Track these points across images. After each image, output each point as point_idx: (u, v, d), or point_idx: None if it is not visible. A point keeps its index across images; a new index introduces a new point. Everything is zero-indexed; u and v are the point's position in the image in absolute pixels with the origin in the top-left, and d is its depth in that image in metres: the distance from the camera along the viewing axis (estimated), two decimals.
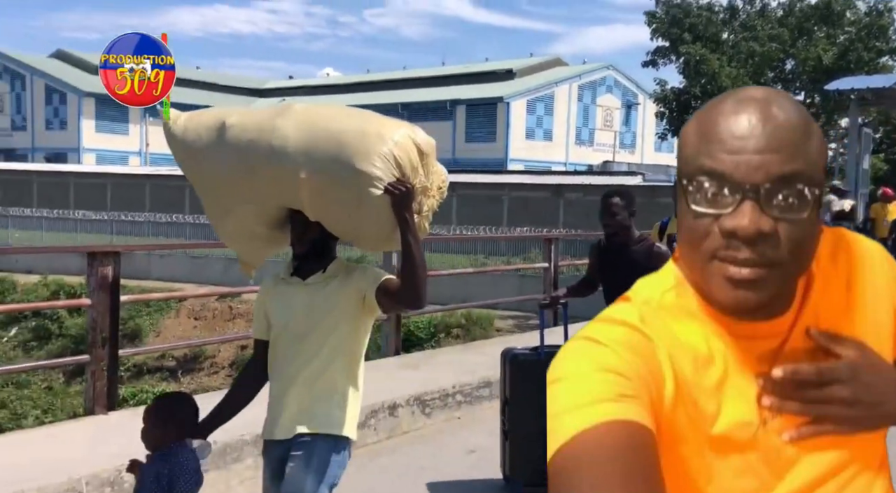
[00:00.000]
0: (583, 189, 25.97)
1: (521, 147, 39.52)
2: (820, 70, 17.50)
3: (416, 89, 43.87)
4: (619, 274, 3.60)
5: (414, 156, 2.31)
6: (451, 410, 5.06)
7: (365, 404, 4.52)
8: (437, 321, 16.74)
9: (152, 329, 18.40)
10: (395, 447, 4.44)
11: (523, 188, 26.98)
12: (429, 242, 22.36)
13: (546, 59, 45.86)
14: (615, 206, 3.75)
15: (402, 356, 6.35)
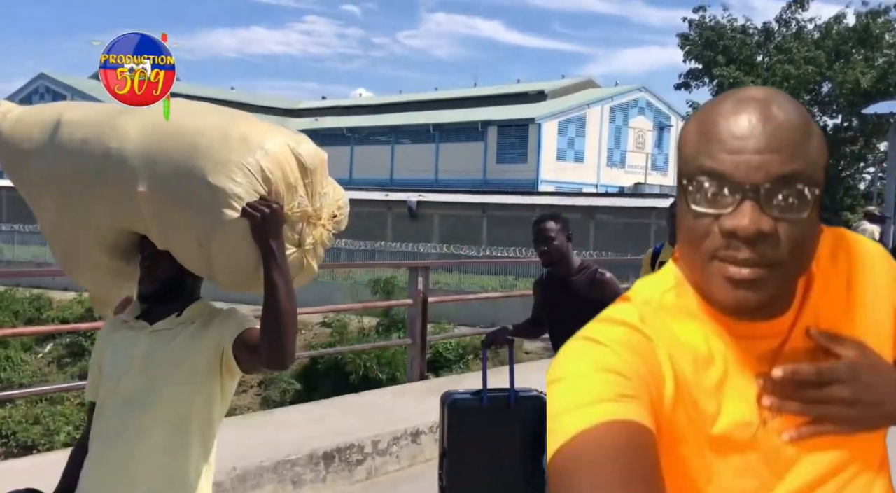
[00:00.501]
0: (614, 212, 25.79)
1: (552, 168, 39.43)
2: (857, 93, 17.20)
3: (448, 110, 44.11)
4: (563, 310, 3.37)
5: (291, 171, 1.80)
6: None
7: (387, 431, 4.49)
8: (465, 343, 16.64)
9: None
10: (417, 475, 4.37)
11: (553, 210, 26.83)
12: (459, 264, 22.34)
13: (578, 81, 45.85)
14: (550, 230, 3.33)
15: (427, 381, 6.29)
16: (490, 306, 17.83)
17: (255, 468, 3.74)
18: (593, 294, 3.17)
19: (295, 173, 1.81)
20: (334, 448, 4.12)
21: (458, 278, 22.23)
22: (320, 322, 18.33)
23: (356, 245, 25.93)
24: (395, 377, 13.42)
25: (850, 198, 18.75)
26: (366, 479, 4.23)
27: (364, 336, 15.93)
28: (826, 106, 18.64)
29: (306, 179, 1.85)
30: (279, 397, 15.30)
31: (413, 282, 6.50)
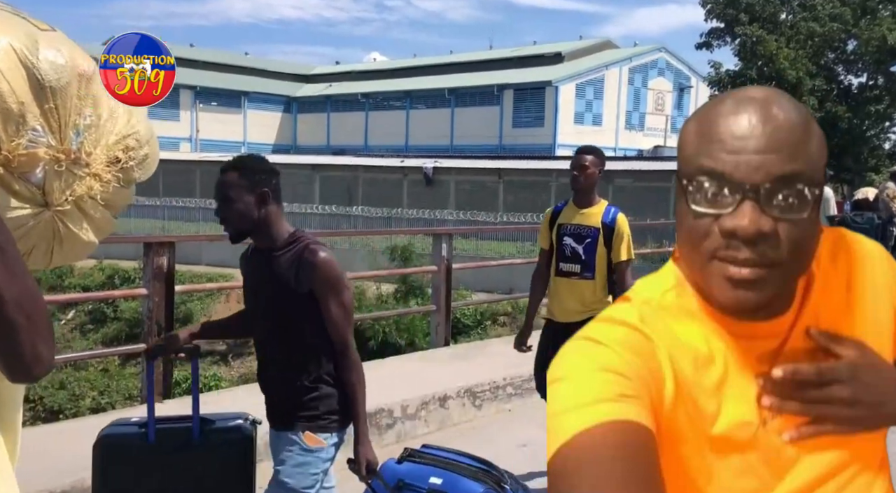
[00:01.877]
0: (633, 175, 25.55)
1: (570, 132, 39.03)
2: (884, 50, 16.78)
3: (464, 74, 43.65)
4: (260, 298, 2.47)
5: (13, 90, 1.22)
6: (501, 402, 4.99)
7: (415, 395, 4.49)
8: (483, 308, 16.68)
9: (203, 314, 18.76)
10: (446, 439, 4.38)
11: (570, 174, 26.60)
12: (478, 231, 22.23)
13: (596, 42, 45.14)
14: None
15: (452, 347, 6.30)
16: (507, 272, 17.84)
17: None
18: (297, 279, 2.31)
19: (19, 94, 1.23)
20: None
21: (475, 244, 22.21)
22: None
23: (372, 212, 25.92)
24: (414, 343, 13.50)
25: (874, 158, 18.42)
26: (395, 442, 4.25)
27: (383, 303, 15.99)
28: (851, 64, 18.23)
29: (46, 103, 1.27)
30: None
31: (437, 249, 6.47)
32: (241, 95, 46.26)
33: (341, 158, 33.37)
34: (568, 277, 3.79)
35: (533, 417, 4.90)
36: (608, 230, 3.74)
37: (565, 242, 3.82)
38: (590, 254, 3.75)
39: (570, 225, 3.83)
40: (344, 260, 14.34)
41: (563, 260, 3.82)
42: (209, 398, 4.36)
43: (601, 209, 3.83)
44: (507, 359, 5.56)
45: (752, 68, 17.84)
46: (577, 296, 3.77)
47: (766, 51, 17.40)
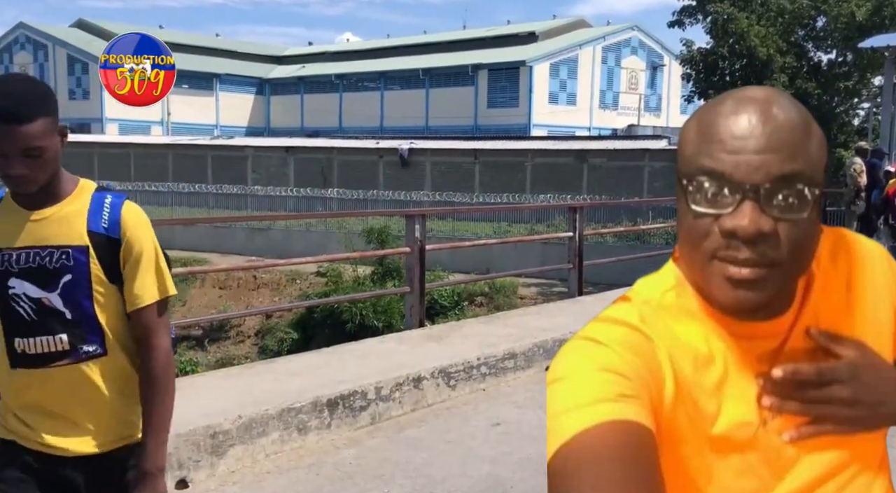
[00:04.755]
0: (607, 154, 25.64)
1: (545, 112, 39.04)
2: (853, 27, 16.92)
3: (438, 54, 43.39)
4: None
5: None
6: (475, 382, 5.02)
7: (389, 377, 4.52)
8: (460, 289, 16.73)
9: (178, 299, 18.62)
10: (420, 420, 4.42)
11: (547, 154, 26.70)
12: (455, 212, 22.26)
13: (569, 21, 45.05)
14: None
15: (426, 328, 6.32)
16: (484, 253, 17.88)
17: (260, 416, 3.76)
18: None
19: None
20: (338, 395, 4.14)
21: (451, 225, 22.22)
22: (315, 272, 18.38)
23: (348, 194, 25.79)
24: (391, 325, 13.53)
25: (843, 134, 18.64)
26: (370, 424, 4.27)
27: (359, 285, 15.98)
28: (821, 41, 18.38)
29: None
30: (276, 346, 15.44)
31: (410, 230, 6.47)
32: (213, 77, 45.62)
33: (316, 140, 33.12)
34: (38, 365, 1.69)
35: (507, 396, 4.95)
36: (108, 246, 1.72)
37: (13, 290, 1.69)
38: (75, 303, 1.70)
39: (15, 252, 1.69)
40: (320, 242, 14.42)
41: (16, 331, 1.69)
42: (180, 384, 4.35)
43: (83, 204, 1.73)
44: (482, 339, 5.60)
45: (723, 46, 17.92)
46: (71, 401, 1.72)
47: (738, 28, 17.47)
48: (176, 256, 20.67)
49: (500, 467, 3.74)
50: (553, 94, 39.95)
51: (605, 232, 16.03)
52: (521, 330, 5.94)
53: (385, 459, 3.82)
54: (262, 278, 19.20)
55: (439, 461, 3.80)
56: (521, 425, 4.37)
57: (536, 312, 7.19)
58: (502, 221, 22.45)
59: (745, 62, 17.77)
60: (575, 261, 8.00)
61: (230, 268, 13.26)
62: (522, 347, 5.47)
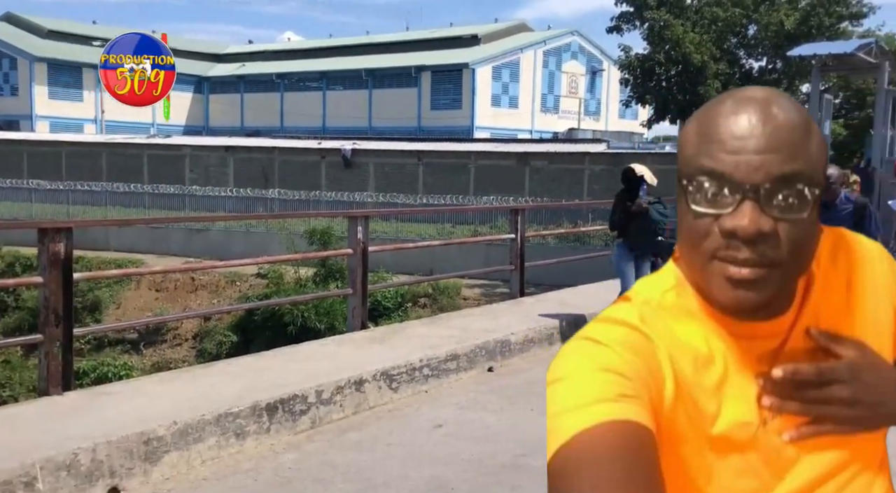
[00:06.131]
0: (548, 157, 25.96)
1: (487, 114, 39.31)
2: (782, 35, 17.53)
3: (381, 55, 43.23)
4: None
5: None
6: (418, 384, 5.01)
7: (330, 380, 4.46)
8: (404, 291, 16.69)
9: (112, 301, 18.06)
10: (362, 423, 4.39)
11: (490, 156, 26.89)
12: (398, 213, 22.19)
13: (511, 25, 45.47)
14: None
15: (369, 330, 6.27)
16: (428, 254, 17.88)
17: (196, 421, 3.67)
18: None
19: None
20: (277, 399, 4.08)
21: (395, 226, 22.16)
22: (255, 274, 18.07)
23: (289, 195, 25.46)
24: (334, 327, 13.40)
25: None
26: (310, 428, 4.21)
27: (301, 287, 15.78)
28: (752, 48, 18.98)
29: None
30: (215, 349, 15.12)
31: (353, 231, 6.41)
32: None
33: (256, 139, 32.60)
34: None
35: (450, 397, 4.96)
36: None
37: None
38: None
39: None
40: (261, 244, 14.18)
41: None
42: (113, 389, 4.22)
43: None
44: (424, 341, 5.59)
45: (660, 52, 18.34)
46: None
47: (673, 35, 17.91)
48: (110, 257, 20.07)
49: (442, 469, 3.74)
50: (496, 96, 40.26)
51: (546, 234, 16.21)
52: (464, 331, 5.95)
53: (325, 463, 3.77)
54: (200, 280, 18.78)
55: (381, 464, 3.78)
56: (464, 426, 4.38)
57: (479, 313, 7.21)
58: (446, 223, 22.50)
59: (680, 68, 18.22)
60: (517, 262, 8.06)
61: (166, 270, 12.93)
62: (465, 348, 5.49)
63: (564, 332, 6.52)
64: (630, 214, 6.35)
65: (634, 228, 6.39)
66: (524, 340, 6.05)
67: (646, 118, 20.45)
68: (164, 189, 26.15)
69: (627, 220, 6.36)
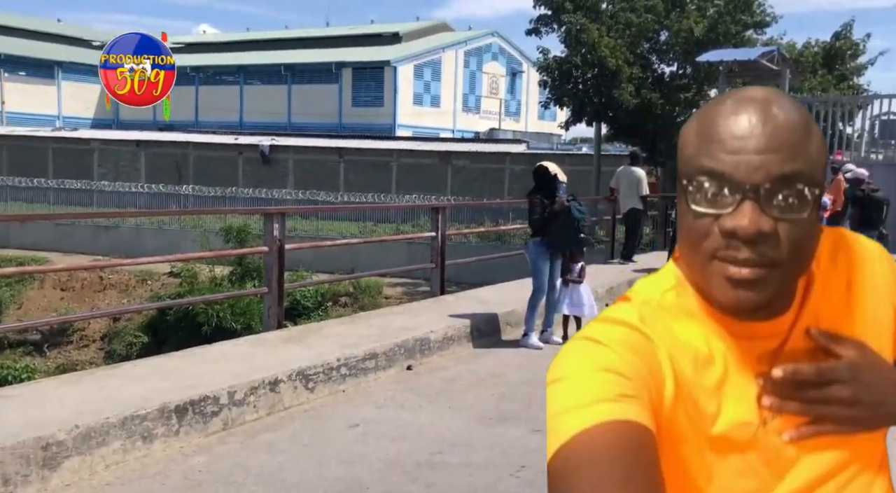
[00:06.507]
0: (470, 157, 26.15)
1: (409, 113, 39.27)
2: (692, 42, 18.14)
3: (300, 50, 42.55)
4: None
5: None
6: (335, 383, 4.96)
7: (243, 381, 4.36)
8: (324, 290, 16.48)
9: (13, 301, 17.14)
10: (276, 424, 4.30)
11: (412, 155, 26.87)
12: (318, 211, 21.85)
13: (432, 24, 45.57)
14: None
15: (285, 330, 6.16)
16: (349, 253, 17.71)
17: (99, 424, 3.51)
18: None
19: None
20: (187, 401, 3.95)
21: (315, 224, 21.86)
22: (168, 273, 17.49)
23: (205, 191, 24.76)
24: (251, 327, 13.10)
25: None
26: (222, 430, 4.10)
27: (216, 286, 15.37)
28: (664, 54, 19.57)
29: None
30: (125, 350, 14.55)
31: (269, 229, 6.29)
32: (55, 64, 42.33)
33: (169, 133, 31.52)
34: None
35: (368, 397, 4.92)
36: None
37: None
38: None
39: None
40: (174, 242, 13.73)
41: None
42: (11, 392, 3.99)
43: None
44: (343, 339, 5.53)
45: (576, 55, 18.68)
46: None
47: (589, 39, 18.27)
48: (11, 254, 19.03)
49: (358, 468, 3.71)
50: (417, 95, 40.26)
51: (467, 232, 16.32)
52: (383, 330, 5.92)
53: (237, 465, 3.68)
54: (109, 279, 18.04)
55: (295, 465, 3.72)
56: (381, 425, 4.36)
57: (399, 311, 7.19)
58: (368, 221, 22.36)
59: (596, 71, 18.62)
60: (437, 260, 8.09)
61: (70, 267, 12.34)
62: (384, 347, 5.46)
63: (483, 330, 6.57)
64: (551, 213, 6.43)
65: (556, 227, 6.46)
66: (444, 338, 6.07)
67: (563, 120, 20.81)
68: (71, 184, 25.00)
69: (549, 218, 6.44)
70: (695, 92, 19.50)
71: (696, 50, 17.30)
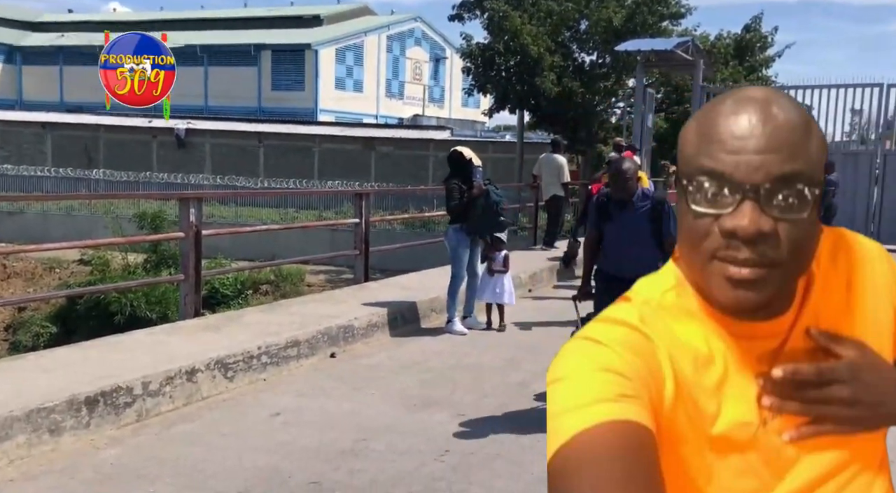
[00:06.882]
0: (394, 143, 26.00)
1: (331, 97, 38.69)
2: (611, 31, 18.51)
3: (217, 31, 41.25)
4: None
5: None
6: (256, 372, 4.85)
7: (159, 371, 4.21)
8: (244, 278, 16.11)
9: None
10: (194, 414, 4.18)
11: (335, 140, 26.50)
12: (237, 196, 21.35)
13: (354, 7, 44.93)
14: None
15: (203, 318, 5.98)
16: (270, 240, 17.35)
17: (2, 418, 3.33)
18: None
19: None
20: (98, 392, 3.78)
21: (234, 211, 21.32)
22: (78, 260, 16.75)
23: (116, 176, 23.79)
24: (167, 317, 12.67)
25: (603, 131, 20.42)
26: (136, 421, 3.95)
27: (130, 274, 14.80)
28: (584, 42, 19.88)
29: None
30: (31, 342, 13.86)
31: (184, 214, 6.08)
32: None
33: (78, 115, 30.09)
34: None
35: (289, 385, 4.84)
36: None
37: None
38: None
39: None
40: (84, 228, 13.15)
41: None
42: None
43: None
44: (263, 328, 5.41)
45: (499, 42, 18.77)
46: None
47: (511, 26, 18.38)
48: None
49: (278, 457, 3.64)
50: (340, 79, 39.70)
51: (391, 219, 16.24)
52: (305, 317, 5.83)
53: (151, 457, 3.55)
54: (13, 267, 17.13)
55: (213, 456, 3.62)
56: (303, 413, 4.29)
57: (322, 299, 7.10)
58: (289, 208, 21.95)
59: (519, 59, 18.77)
60: (361, 247, 8.01)
61: None
62: (306, 334, 5.37)
63: (407, 317, 6.55)
64: (470, 198, 6.43)
65: (475, 211, 6.46)
66: (368, 325, 6.02)
67: (487, 107, 20.92)
68: None
69: (468, 203, 6.44)
70: (614, 81, 19.93)
71: (614, 39, 17.66)
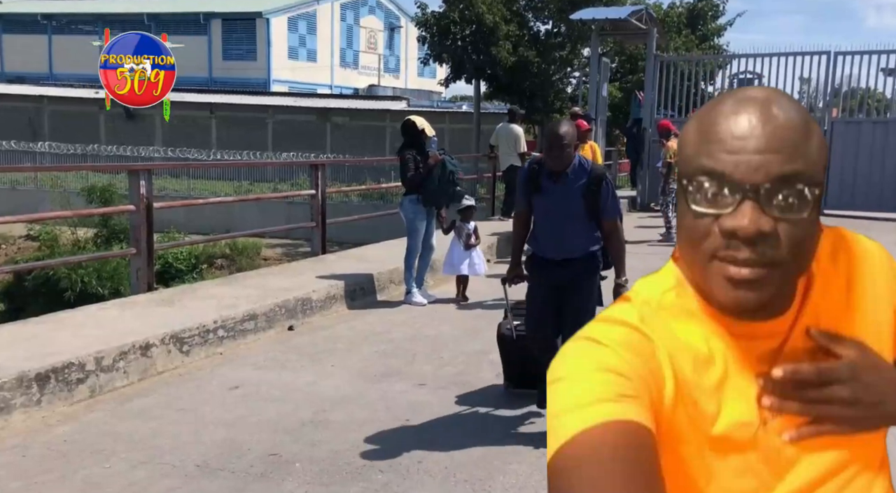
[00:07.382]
0: (349, 114, 25.68)
1: (284, 67, 37.97)
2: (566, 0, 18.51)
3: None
4: None
5: None
6: (212, 346, 4.79)
7: (111, 346, 4.13)
8: (198, 252, 15.85)
9: None
10: (149, 389, 4.12)
11: (289, 111, 26.07)
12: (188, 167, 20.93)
13: None
14: None
15: (156, 292, 5.87)
16: (225, 213, 17.07)
17: None
18: None
19: None
20: (49, 368, 3.70)
21: (187, 184, 20.89)
22: (25, 235, 16.28)
23: (62, 149, 23.09)
24: (119, 292, 12.42)
25: (559, 101, 20.45)
26: (89, 397, 3.88)
27: (80, 249, 14.45)
28: (539, 11, 19.80)
29: None
30: None
31: (134, 187, 5.93)
32: None
33: (20, 86, 29.02)
34: None
35: (246, 358, 4.80)
36: None
37: None
38: None
39: None
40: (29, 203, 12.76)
41: None
42: None
43: None
44: (219, 301, 5.34)
45: (455, 11, 18.60)
46: None
47: None
48: None
49: (236, 430, 3.61)
50: (292, 49, 38.95)
51: (348, 191, 16.10)
52: (262, 290, 5.77)
53: (105, 433, 3.50)
54: None
55: (169, 431, 3.57)
56: (261, 386, 4.26)
57: (278, 271, 7.03)
58: (244, 180, 21.59)
59: (474, 28, 18.63)
60: (318, 219, 7.93)
61: None
62: (264, 307, 5.32)
63: (366, 288, 6.53)
64: (426, 168, 6.38)
65: (433, 182, 6.40)
66: (326, 297, 5.98)
67: (443, 77, 20.77)
68: None
69: (425, 174, 6.39)
70: (569, 51, 19.93)
71: (570, 8, 17.62)
